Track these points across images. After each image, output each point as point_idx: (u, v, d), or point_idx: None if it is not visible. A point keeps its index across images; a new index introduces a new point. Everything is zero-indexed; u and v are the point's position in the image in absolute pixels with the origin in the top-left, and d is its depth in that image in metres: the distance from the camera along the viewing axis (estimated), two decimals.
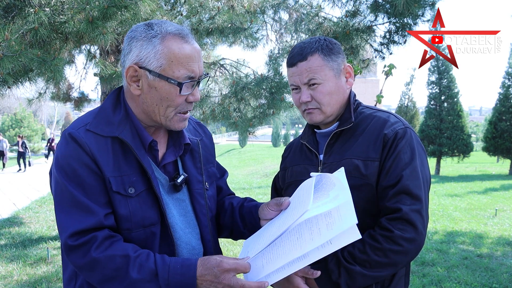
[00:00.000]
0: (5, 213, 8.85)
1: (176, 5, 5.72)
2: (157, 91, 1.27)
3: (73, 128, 1.30)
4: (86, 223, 1.21)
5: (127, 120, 1.34)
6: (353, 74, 1.60)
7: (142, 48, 1.26)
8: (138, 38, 1.27)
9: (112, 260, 1.19)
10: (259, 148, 39.48)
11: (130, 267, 1.19)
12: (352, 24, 5.41)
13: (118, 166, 1.28)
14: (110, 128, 1.30)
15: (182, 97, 1.29)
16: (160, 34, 1.26)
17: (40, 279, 4.79)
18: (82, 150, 1.25)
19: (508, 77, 20.36)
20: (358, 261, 1.37)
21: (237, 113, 6.28)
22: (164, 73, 1.25)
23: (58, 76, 4.28)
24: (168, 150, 1.43)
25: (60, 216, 1.25)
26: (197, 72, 1.28)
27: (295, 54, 1.52)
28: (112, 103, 1.37)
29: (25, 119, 30.53)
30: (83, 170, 1.24)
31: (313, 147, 1.60)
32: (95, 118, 1.33)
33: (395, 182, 1.39)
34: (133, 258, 1.20)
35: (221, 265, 1.18)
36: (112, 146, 1.29)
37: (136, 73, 1.28)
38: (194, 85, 1.30)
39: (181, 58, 1.25)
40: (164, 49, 1.25)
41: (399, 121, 1.51)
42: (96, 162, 1.25)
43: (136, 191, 1.28)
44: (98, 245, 1.20)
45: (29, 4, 3.79)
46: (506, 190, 13.10)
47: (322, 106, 1.52)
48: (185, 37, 1.28)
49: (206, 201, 1.44)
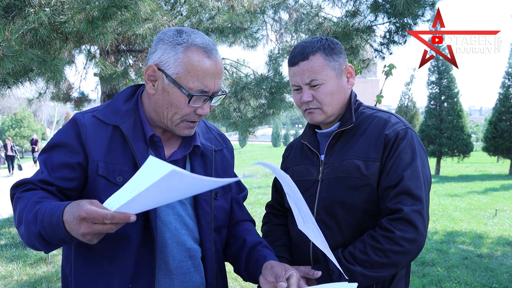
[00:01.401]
0: (5, 213, 8.85)
1: (176, 5, 5.72)
2: (169, 95, 1.30)
3: (82, 112, 1.40)
4: (28, 178, 1.32)
5: (133, 112, 1.38)
6: (354, 74, 1.60)
7: (165, 52, 1.29)
8: (165, 41, 1.31)
9: (22, 201, 1.25)
10: (259, 148, 39.49)
11: (27, 209, 1.21)
12: (352, 24, 5.41)
13: (111, 154, 1.32)
14: (114, 117, 1.36)
15: (191, 108, 1.31)
16: (185, 43, 1.28)
17: (40, 279, 4.79)
18: (76, 131, 1.33)
19: (508, 77, 20.35)
20: (359, 261, 1.37)
21: (237, 113, 6.28)
22: (179, 81, 1.28)
23: (58, 76, 4.28)
24: (178, 149, 1.44)
25: None
26: (211, 88, 1.30)
27: (297, 54, 1.52)
28: (125, 96, 1.43)
29: (25, 119, 30.56)
30: (61, 146, 1.32)
31: (314, 147, 1.60)
32: (106, 107, 1.41)
33: (396, 183, 1.39)
34: (33, 201, 1.22)
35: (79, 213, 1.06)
36: (112, 134, 1.34)
37: (154, 73, 1.32)
38: (206, 100, 1.32)
39: (198, 71, 1.27)
40: (185, 58, 1.27)
41: (400, 121, 1.51)
42: (85, 144, 1.31)
43: (124, 180, 1.29)
44: (23, 190, 1.28)
45: (29, 4, 3.78)
46: (506, 190, 13.10)
47: (323, 106, 1.51)
48: (209, 52, 1.29)
49: (212, 209, 1.42)
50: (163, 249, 1.34)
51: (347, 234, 1.47)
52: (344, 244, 1.46)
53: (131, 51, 6.20)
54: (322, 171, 1.54)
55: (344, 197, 1.46)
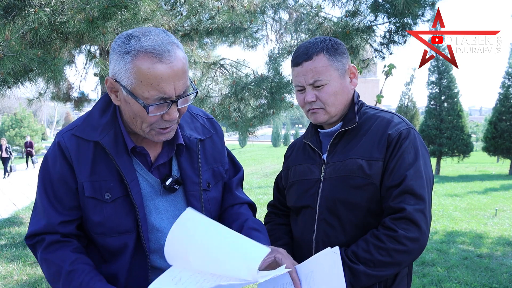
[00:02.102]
0: (5, 213, 8.86)
1: (176, 5, 5.72)
2: (130, 106, 1.24)
3: (62, 131, 1.37)
4: (40, 226, 1.30)
5: (112, 124, 1.32)
6: (357, 74, 1.60)
7: (116, 63, 1.22)
8: (115, 51, 1.22)
9: (51, 266, 1.27)
10: (259, 148, 39.49)
11: (61, 279, 1.25)
12: (352, 24, 5.41)
13: (97, 171, 1.30)
14: (94, 133, 1.31)
15: (155, 116, 1.23)
16: (133, 50, 1.18)
17: (40, 279, 4.79)
18: (61, 156, 1.31)
19: (508, 77, 20.36)
20: (362, 260, 1.38)
21: (237, 113, 6.27)
22: (134, 92, 1.20)
23: (58, 76, 4.28)
24: (162, 151, 1.40)
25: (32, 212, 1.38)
26: (171, 92, 1.20)
27: (300, 54, 1.52)
28: (101, 107, 1.37)
29: (25, 119, 30.54)
30: (55, 177, 1.31)
31: (317, 147, 1.61)
32: (84, 121, 1.36)
33: (399, 182, 1.40)
34: (66, 271, 1.24)
35: None
36: (94, 150, 1.30)
37: (113, 85, 1.26)
38: (170, 105, 1.22)
39: (150, 79, 1.17)
40: (134, 68, 1.18)
41: (403, 121, 1.52)
42: (72, 168, 1.30)
43: (112, 197, 1.29)
44: (44, 248, 1.29)
45: (29, 4, 3.79)
46: (506, 190, 13.10)
47: (326, 106, 1.52)
48: (159, 55, 1.17)
49: (201, 203, 1.40)
50: (162, 254, 1.32)
51: (350, 233, 1.48)
52: (347, 243, 1.47)
53: None
54: (324, 170, 1.55)
55: (347, 196, 1.47)
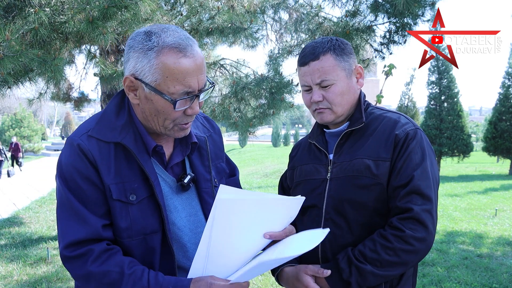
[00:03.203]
0: (5, 213, 8.86)
1: (176, 5, 5.72)
2: (153, 103, 1.24)
3: (76, 135, 1.29)
4: (82, 233, 1.21)
5: (130, 125, 1.31)
6: (364, 74, 1.60)
7: (138, 61, 1.21)
8: (135, 49, 1.22)
9: (107, 275, 1.19)
10: (259, 148, 39.49)
11: (123, 283, 1.18)
12: (352, 24, 5.41)
13: (120, 172, 1.26)
14: (113, 134, 1.28)
15: (179, 111, 1.25)
16: (156, 46, 1.19)
17: (40, 279, 4.79)
18: (85, 159, 1.24)
19: (508, 77, 20.37)
20: (369, 260, 1.38)
21: (237, 113, 6.27)
22: (159, 88, 1.20)
23: (58, 76, 4.28)
24: (175, 150, 1.41)
25: (60, 223, 1.26)
26: (195, 86, 1.22)
27: (307, 53, 1.52)
28: (116, 107, 1.35)
29: (25, 119, 30.52)
30: (83, 180, 1.24)
31: (323, 147, 1.61)
32: (98, 123, 1.31)
33: (406, 182, 1.41)
34: (127, 275, 1.19)
35: None
36: (115, 152, 1.27)
37: (132, 84, 1.25)
38: (193, 99, 1.25)
39: (176, 73, 1.19)
40: (159, 64, 1.18)
41: (410, 122, 1.53)
42: (97, 170, 1.24)
43: (137, 198, 1.27)
44: (95, 259, 1.20)
45: (29, 4, 3.79)
46: (506, 190, 13.10)
47: (333, 106, 1.53)
48: (184, 50, 1.20)
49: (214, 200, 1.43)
50: (185, 253, 1.35)
51: (356, 233, 1.48)
52: (354, 242, 1.47)
53: None
54: (331, 170, 1.55)
55: (354, 196, 1.47)
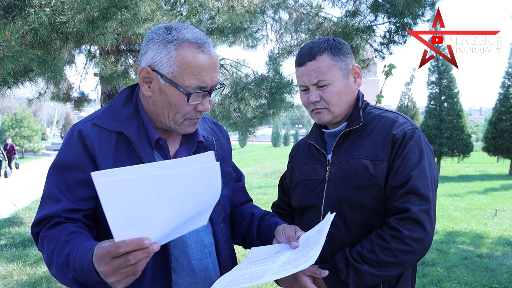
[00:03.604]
0: (5, 213, 8.86)
1: (176, 5, 5.72)
2: (166, 96, 1.28)
3: (81, 122, 1.35)
4: (48, 211, 1.24)
5: (135, 116, 1.35)
6: (361, 74, 1.60)
7: (157, 52, 1.26)
8: (155, 41, 1.27)
9: (50, 241, 1.19)
10: (259, 148, 39.47)
11: (56, 249, 1.17)
12: (352, 24, 5.41)
13: (119, 162, 1.28)
14: (116, 123, 1.32)
15: (191, 105, 1.29)
16: (176, 40, 1.24)
17: (40, 279, 4.79)
18: (82, 144, 1.28)
19: (508, 77, 20.36)
20: (367, 260, 1.37)
21: (237, 113, 6.27)
22: (175, 80, 1.25)
23: (58, 76, 4.28)
24: (181, 147, 1.43)
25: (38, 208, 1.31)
26: (209, 82, 1.27)
27: (304, 54, 1.53)
28: (123, 99, 1.39)
29: (25, 119, 30.50)
30: (73, 164, 1.27)
31: (321, 147, 1.61)
32: (104, 113, 1.36)
33: (403, 182, 1.40)
34: (62, 241, 1.16)
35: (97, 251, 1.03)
36: (117, 141, 1.30)
37: (148, 75, 1.29)
38: (205, 95, 1.29)
39: (193, 67, 1.24)
40: (178, 56, 1.24)
41: (408, 121, 1.52)
42: (93, 157, 1.27)
43: None
44: (48, 227, 1.22)
45: (29, 4, 3.79)
46: (506, 190, 13.10)
47: (330, 106, 1.53)
48: (202, 46, 1.26)
49: (219, 200, 1.42)
50: (184, 249, 1.35)
51: (354, 233, 1.48)
52: (352, 243, 1.47)
53: (131, 51, 6.19)
54: (329, 171, 1.55)
55: (352, 196, 1.47)
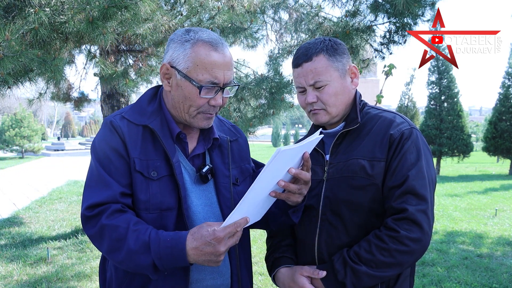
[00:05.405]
0: (5, 213, 8.85)
1: (176, 5, 5.71)
2: (182, 90, 1.41)
3: (111, 115, 1.50)
4: (103, 196, 1.34)
5: (159, 112, 1.49)
6: (358, 74, 1.60)
7: (175, 50, 1.41)
8: (174, 41, 1.43)
9: (116, 229, 1.30)
10: (259, 148, 39.46)
11: (128, 237, 1.28)
12: (352, 24, 5.41)
13: (145, 151, 1.41)
14: (142, 118, 1.46)
15: (203, 99, 1.40)
16: (192, 39, 1.40)
17: (40, 279, 4.79)
18: (115, 133, 1.41)
19: (508, 77, 20.35)
20: (364, 261, 1.38)
21: (237, 113, 6.27)
22: (189, 74, 1.39)
23: (58, 76, 4.28)
24: (198, 144, 1.55)
25: (85, 191, 1.41)
26: (220, 79, 1.39)
27: (300, 55, 1.53)
28: (149, 96, 1.54)
29: (25, 119, 30.46)
30: (112, 152, 1.40)
31: (319, 147, 1.61)
32: (131, 108, 1.51)
33: (401, 182, 1.40)
34: (132, 230, 1.29)
35: (215, 235, 1.23)
36: (143, 133, 1.44)
37: (168, 71, 1.44)
38: (217, 91, 1.41)
39: (206, 63, 1.38)
40: (193, 53, 1.38)
41: (405, 121, 1.52)
42: (125, 144, 1.40)
43: (158, 175, 1.40)
44: (109, 215, 1.32)
45: (29, 4, 3.78)
46: (506, 190, 13.09)
47: (327, 107, 1.53)
48: (215, 46, 1.40)
49: (231, 195, 1.51)
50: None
51: (352, 233, 1.48)
52: (350, 243, 1.47)
53: (131, 51, 6.19)
54: (327, 171, 1.55)
55: (350, 197, 1.47)
